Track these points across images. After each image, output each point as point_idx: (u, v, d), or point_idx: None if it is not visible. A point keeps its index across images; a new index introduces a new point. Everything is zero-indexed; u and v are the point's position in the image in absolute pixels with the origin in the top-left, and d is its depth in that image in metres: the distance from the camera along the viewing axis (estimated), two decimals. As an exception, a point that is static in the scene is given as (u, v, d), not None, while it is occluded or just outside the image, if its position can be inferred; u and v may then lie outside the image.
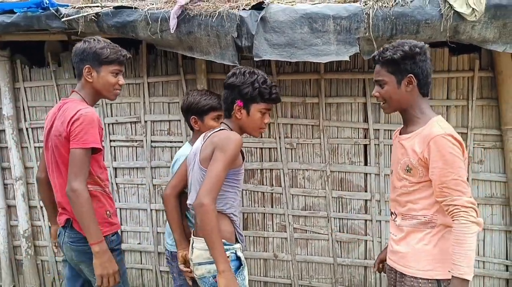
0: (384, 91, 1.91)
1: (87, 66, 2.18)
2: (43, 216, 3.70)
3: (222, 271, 1.84)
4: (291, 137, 3.29)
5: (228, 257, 1.94)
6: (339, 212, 3.29)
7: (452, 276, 1.73)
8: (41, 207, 3.69)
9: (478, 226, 1.73)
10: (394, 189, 2.00)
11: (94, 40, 2.22)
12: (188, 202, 2.14)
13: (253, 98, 2.06)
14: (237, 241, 2.09)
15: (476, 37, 2.47)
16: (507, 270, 3.12)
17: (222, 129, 2.08)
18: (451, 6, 2.36)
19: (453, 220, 1.75)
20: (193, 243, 2.08)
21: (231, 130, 2.09)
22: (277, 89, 2.13)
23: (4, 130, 3.62)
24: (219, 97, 2.61)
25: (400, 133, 1.99)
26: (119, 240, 2.35)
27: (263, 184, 3.37)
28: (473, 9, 2.32)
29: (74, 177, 2.03)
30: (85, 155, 2.06)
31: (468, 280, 1.72)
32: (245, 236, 3.38)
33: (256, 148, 3.35)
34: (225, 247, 1.94)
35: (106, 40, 2.24)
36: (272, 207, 3.37)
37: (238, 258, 2.01)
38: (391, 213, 2.04)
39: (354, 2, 2.66)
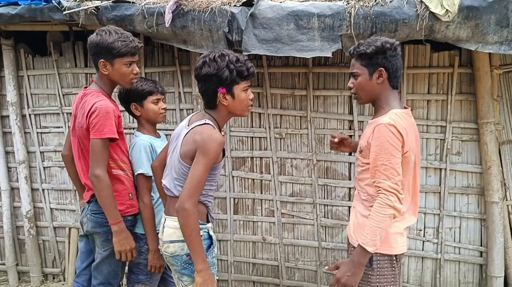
0: (358, 83, 2.08)
1: (101, 60, 2.33)
2: (44, 198, 3.90)
3: (200, 271, 1.95)
4: (280, 128, 3.46)
5: (201, 235, 2.02)
6: (324, 198, 3.47)
7: (358, 243, 1.96)
8: (43, 190, 3.89)
9: (395, 210, 1.91)
10: (356, 167, 2.23)
11: (105, 33, 2.32)
12: (163, 182, 2.20)
13: (234, 81, 2.01)
14: (208, 221, 2.18)
15: (450, 36, 2.62)
16: (481, 256, 3.31)
17: (207, 123, 2.02)
18: (426, 7, 2.52)
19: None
20: (164, 221, 2.16)
21: (216, 122, 2.08)
22: (251, 63, 2.07)
23: (8, 116, 3.80)
24: (154, 82, 2.69)
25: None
26: (134, 222, 2.54)
27: (253, 171, 3.55)
28: (447, 10, 2.47)
29: (96, 165, 2.26)
30: (103, 144, 2.27)
31: (368, 251, 1.93)
32: (235, 220, 3.61)
33: (247, 137, 3.52)
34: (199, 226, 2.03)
35: (118, 31, 2.34)
36: (261, 193, 3.56)
37: (210, 237, 2.12)
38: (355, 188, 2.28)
39: (339, 0, 2.82)
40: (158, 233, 2.49)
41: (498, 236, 3.17)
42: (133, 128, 3.63)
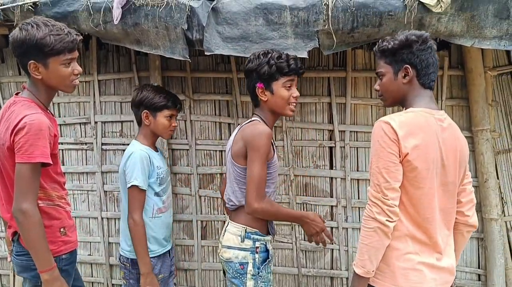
0: (382, 84, 1.85)
1: (31, 62, 1.84)
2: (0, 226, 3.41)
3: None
4: (252, 140, 3.07)
5: (257, 247, 2.06)
6: (303, 219, 3.08)
7: None
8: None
9: (380, 224, 1.61)
10: None
11: (32, 26, 1.82)
12: (225, 195, 2.22)
13: (272, 76, 2.06)
14: (268, 233, 2.16)
15: (442, 30, 2.29)
16: (479, 279, 2.96)
17: (253, 120, 2.11)
18: (415, -3, 2.18)
19: None
20: (227, 225, 2.17)
21: (263, 120, 2.11)
22: (297, 61, 2.11)
23: None
24: (175, 97, 2.54)
25: None
26: (72, 260, 2.08)
27: (222, 190, 3.14)
28: (438, 0, 2.14)
29: (22, 197, 1.75)
30: (32, 171, 1.77)
31: (358, 274, 1.68)
32: (203, 246, 3.18)
33: (215, 150, 3.13)
34: (257, 237, 2.06)
35: (47, 23, 1.85)
36: (232, 214, 3.15)
37: (267, 250, 2.11)
38: None
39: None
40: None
41: (498, 257, 2.83)
42: (85, 143, 3.21)
